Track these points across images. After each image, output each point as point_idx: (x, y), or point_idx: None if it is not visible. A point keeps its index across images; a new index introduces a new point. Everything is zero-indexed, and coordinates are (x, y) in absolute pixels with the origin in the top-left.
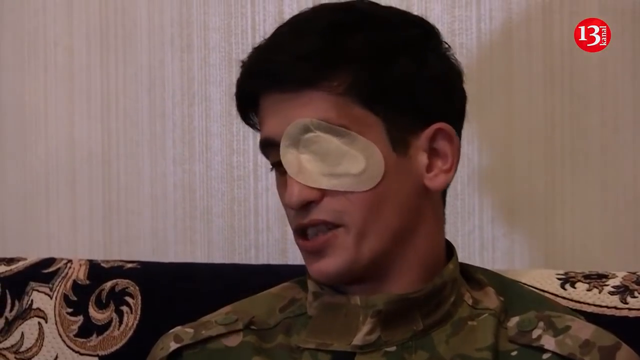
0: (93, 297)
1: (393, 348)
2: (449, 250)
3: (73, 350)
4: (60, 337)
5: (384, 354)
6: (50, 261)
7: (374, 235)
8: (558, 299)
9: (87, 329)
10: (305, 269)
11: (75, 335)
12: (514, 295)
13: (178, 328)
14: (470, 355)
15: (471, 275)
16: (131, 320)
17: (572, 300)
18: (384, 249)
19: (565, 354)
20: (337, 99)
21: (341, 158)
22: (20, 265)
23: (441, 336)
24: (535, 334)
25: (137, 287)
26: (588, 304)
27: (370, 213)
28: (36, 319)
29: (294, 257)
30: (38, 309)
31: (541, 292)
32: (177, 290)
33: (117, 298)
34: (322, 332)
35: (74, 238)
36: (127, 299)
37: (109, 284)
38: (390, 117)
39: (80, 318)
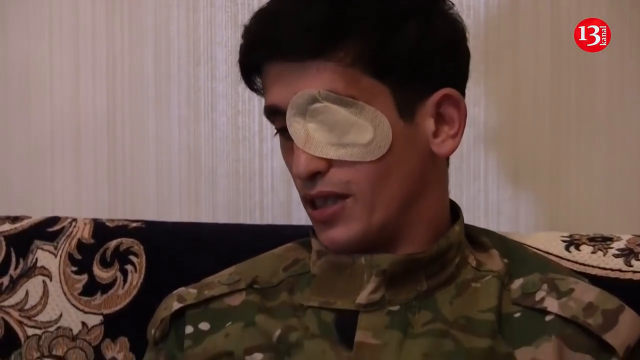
0: (97, 256)
1: (396, 308)
2: (454, 212)
3: (77, 308)
4: (65, 295)
5: (387, 313)
6: (54, 220)
7: (382, 204)
8: (562, 262)
9: (92, 288)
10: (309, 229)
11: (80, 294)
12: (518, 257)
13: (181, 289)
14: (473, 317)
15: (475, 238)
16: (135, 279)
17: (576, 262)
18: (392, 216)
19: (568, 316)
20: (344, 70)
21: (349, 128)
22: (25, 223)
23: (445, 297)
24: (539, 296)
25: (141, 247)
26: (592, 266)
27: (379, 182)
28: (41, 277)
29: (298, 218)
30: (42, 267)
31: (545, 255)
32: (181, 250)
33: (122, 257)
34: (326, 290)
35: (78, 197)
36: (132, 258)
37: (113, 243)
38: (397, 85)
39: (85, 277)
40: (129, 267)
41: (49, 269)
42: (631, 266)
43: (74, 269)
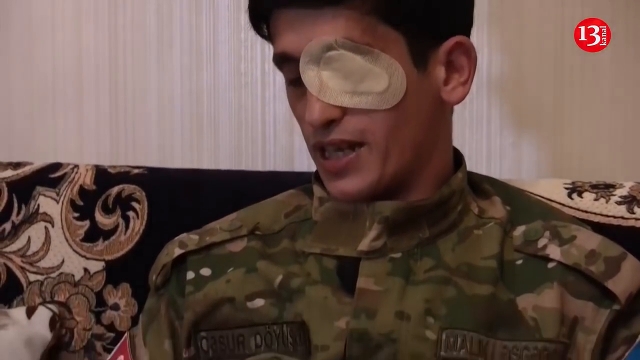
0: (99, 202)
1: (399, 255)
2: (457, 159)
3: (79, 254)
4: (67, 241)
5: (389, 260)
6: (56, 166)
7: (396, 153)
8: (565, 209)
9: (94, 234)
10: (311, 176)
11: (82, 240)
12: (521, 204)
13: (183, 235)
14: (475, 264)
15: (478, 185)
16: (137, 225)
17: (579, 210)
18: (404, 166)
19: (570, 263)
20: (361, 17)
21: (364, 76)
22: (26, 169)
23: (447, 244)
24: (541, 243)
25: (143, 193)
26: (595, 213)
27: (393, 131)
28: (42, 224)
29: (301, 164)
30: (44, 213)
31: (548, 202)
32: (183, 197)
33: (124, 203)
34: (328, 237)
35: (80, 143)
36: (134, 204)
37: (115, 190)
38: (412, 33)
39: (87, 223)
40: (130, 213)
41: (51, 215)
42: (634, 213)
43: (76, 215)
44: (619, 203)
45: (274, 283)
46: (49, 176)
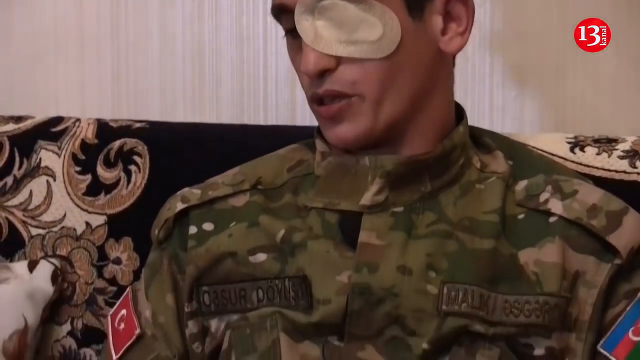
0: (101, 156)
1: (400, 209)
2: (459, 113)
3: (81, 208)
4: (69, 195)
5: (391, 215)
6: (58, 120)
7: (390, 102)
8: (567, 163)
9: (95, 188)
10: (313, 130)
11: (84, 194)
12: (523, 159)
13: (185, 189)
14: (477, 218)
15: (480, 139)
16: (139, 179)
17: (581, 164)
18: (400, 115)
19: (572, 218)
20: None
21: (358, 25)
22: (28, 123)
23: (449, 198)
24: (543, 197)
25: (145, 147)
26: (597, 168)
27: (387, 81)
28: (44, 177)
29: (303, 118)
30: (46, 167)
31: (550, 156)
32: (185, 151)
33: (125, 157)
34: (330, 191)
35: (82, 97)
36: (135, 158)
37: (117, 143)
38: None
39: (89, 177)
40: (132, 167)
41: (53, 169)
42: (636, 167)
43: (78, 169)
44: (621, 157)
45: (276, 237)
46: (50, 130)
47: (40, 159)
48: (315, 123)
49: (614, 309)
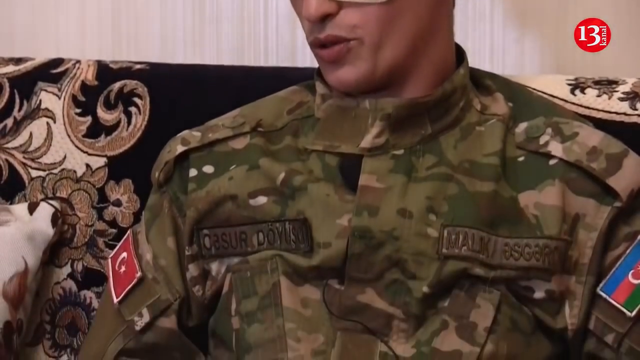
0: (101, 98)
1: (401, 151)
2: (460, 55)
3: (81, 150)
4: (69, 137)
5: (391, 157)
6: (58, 62)
7: (390, 46)
8: (567, 105)
9: (96, 130)
10: (314, 72)
11: (84, 136)
12: (523, 101)
13: (185, 132)
14: (477, 161)
15: (480, 81)
16: (139, 121)
17: (581, 106)
18: (400, 58)
19: (572, 160)
20: None
21: None
22: (28, 65)
23: (449, 141)
24: (543, 140)
25: (145, 89)
26: (597, 109)
27: (386, 25)
28: (44, 119)
29: (303, 60)
30: (46, 109)
31: (550, 98)
32: (185, 93)
33: (126, 99)
34: (330, 134)
35: (82, 39)
36: (136, 100)
37: (117, 85)
38: None
39: (89, 119)
40: (132, 109)
41: (53, 110)
42: (636, 109)
43: (78, 110)
44: (621, 99)
45: (276, 180)
46: (50, 72)
47: (40, 100)
48: (315, 65)
49: (613, 251)
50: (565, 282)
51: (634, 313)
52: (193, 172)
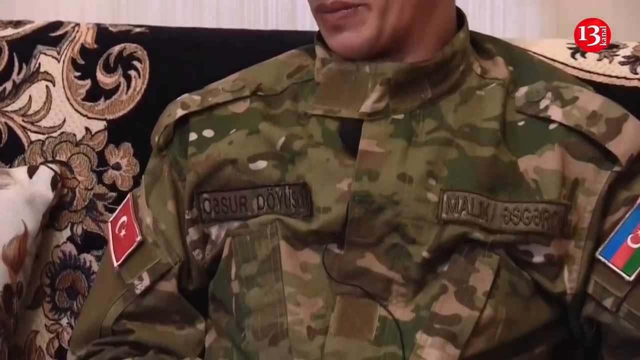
0: (101, 62)
1: (401, 116)
2: (460, 18)
3: (81, 114)
4: (68, 100)
5: (391, 122)
6: (57, 25)
7: (396, 11)
8: (568, 69)
9: (95, 93)
10: (313, 35)
11: (83, 99)
12: (523, 65)
13: (185, 95)
14: (477, 125)
15: (481, 45)
16: (139, 85)
17: (581, 70)
18: (404, 24)
19: (572, 125)
20: None
21: None
22: (27, 28)
23: (449, 105)
24: (543, 104)
25: (144, 52)
26: (598, 74)
27: None
28: (44, 82)
29: (303, 23)
30: (46, 72)
31: (551, 62)
32: (185, 56)
33: (125, 63)
34: (330, 98)
35: (81, 2)
36: (135, 63)
37: (116, 49)
38: None
39: (88, 82)
40: (132, 72)
41: (52, 74)
42: (637, 74)
43: (77, 74)
44: (622, 63)
45: (276, 145)
46: (49, 35)
47: (39, 64)
48: (315, 28)
49: (612, 216)
50: (565, 247)
51: (632, 277)
52: (193, 136)
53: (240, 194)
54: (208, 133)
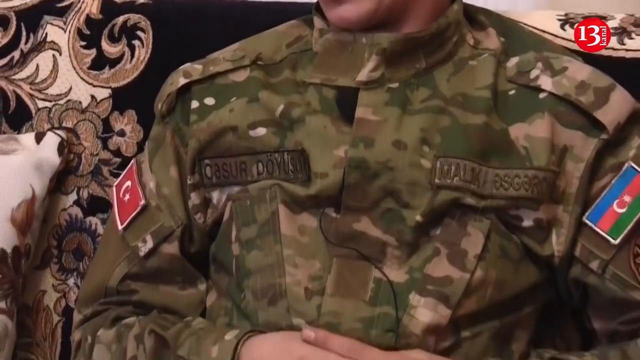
0: (106, 32)
1: (396, 85)
2: None
3: (86, 82)
4: (74, 69)
5: (387, 91)
6: None
7: None
8: (557, 40)
9: (100, 62)
10: (312, 7)
11: (89, 68)
12: (514, 36)
13: (187, 64)
14: (470, 94)
15: (474, 17)
16: (142, 54)
17: (570, 41)
18: None
19: (561, 94)
20: None
21: None
22: None
23: (443, 75)
24: (533, 74)
25: (148, 22)
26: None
27: None
28: (51, 52)
29: None
30: (52, 41)
31: (541, 34)
32: (187, 27)
33: (129, 32)
34: (328, 67)
35: None
36: (139, 33)
37: (121, 19)
38: None
39: (93, 51)
40: (136, 42)
41: (59, 43)
42: (624, 44)
43: (83, 43)
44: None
45: (275, 112)
46: (56, 5)
47: (46, 33)
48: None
49: (599, 181)
50: (553, 211)
51: (618, 240)
52: (195, 104)
53: (241, 159)
54: (209, 101)
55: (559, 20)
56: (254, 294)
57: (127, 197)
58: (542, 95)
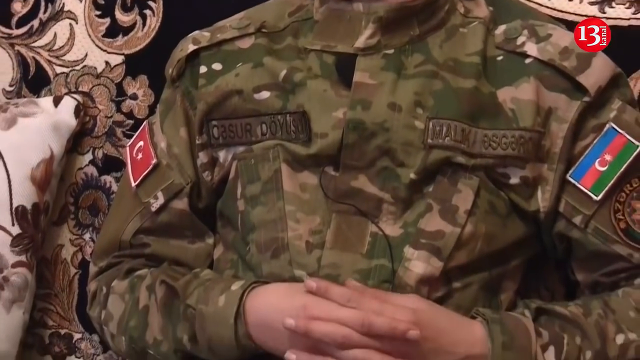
0: (119, 1)
1: (391, 51)
2: None
3: (101, 49)
4: (90, 37)
5: (383, 56)
6: None
7: None
8: (541, 9)
9: (114, 30)
10: None
11: (103, 36)
12: (502, 5)
13: (196, 32)
14: (460, 59)
15: None
16: (153, 22)
17: (554, 9)
18: None
19: (545, 59)
20: None
21: None
22: None
23: (435, 41)
24: (520, 41)
25: None
26: (569, 12)
27: None
28: (67, 21)
29: None
30: (69, 11)
31: (526, 3)
32: None
33: (141, 2)
34: (327, 35)
35: None
36: (150, 3)
37: None
38: None
39: (108, 20)
40: (147, 11)
41: (75, 12)
42: (604, 13)
43: (98, 13)
44: (591, 3)
45: (278, 77)
46: None
47: (63, 3)
48: None
49: (582, 141)
50: (538, 169)
51: (599, 197)
52: (203, 69)
53: (246, 121)
54: (217, 66)
55: None
56: (258, 248)
57: (139, 156)
58: (527, 61)
